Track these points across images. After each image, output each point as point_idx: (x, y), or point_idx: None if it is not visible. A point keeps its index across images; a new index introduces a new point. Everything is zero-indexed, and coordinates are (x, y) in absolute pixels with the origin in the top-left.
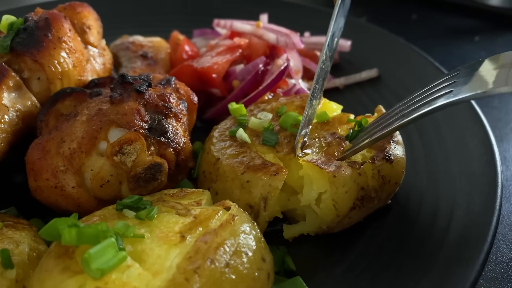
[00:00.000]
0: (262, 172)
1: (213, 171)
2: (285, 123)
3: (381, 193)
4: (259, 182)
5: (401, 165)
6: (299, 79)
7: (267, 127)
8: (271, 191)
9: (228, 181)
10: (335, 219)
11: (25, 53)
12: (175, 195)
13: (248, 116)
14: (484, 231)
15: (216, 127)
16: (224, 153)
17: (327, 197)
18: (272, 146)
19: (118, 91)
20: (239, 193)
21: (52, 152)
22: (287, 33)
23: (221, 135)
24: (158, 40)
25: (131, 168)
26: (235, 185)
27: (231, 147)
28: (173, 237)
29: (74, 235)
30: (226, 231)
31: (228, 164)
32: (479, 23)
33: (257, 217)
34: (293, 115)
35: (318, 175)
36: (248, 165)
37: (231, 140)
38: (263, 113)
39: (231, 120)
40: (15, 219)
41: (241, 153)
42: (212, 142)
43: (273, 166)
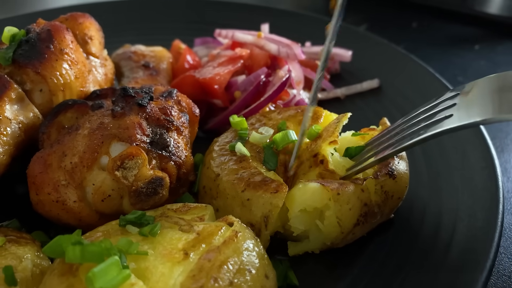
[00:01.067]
0: (263, 189)
1: (213, 187)
2: (278, 143)
3: (383, 208)
4: (259, 200)
5: (404, 180)
6: (300, 89)
7: (268, 145)
8: (272, 210)
9: (229, 198)
10: (339, 236)
11: (27, 65)
12: (178, 210)
13: (250, 129)
14: (487, 248)
15: (217, 140)
16: (224, 169)
17: (331, 214)
18: (272, 170)
19: (119, 104)
20: (239, 211)
21: (54, 166)
22: (288, 44)
23: (221, 149)
24: (160, 49)
25: (132, 183)
26: (236, 203)
27: (230, 161)
28: (177, 254)
29: (78, 253)
30: (229, 249)
31: (228, 181)
32: (479, 31)
33: (258, 235)
34: (289, 136)
35: (321, 192)
36: (248, 181)
37: (231, 154)
38: (265, 128)
39: (232, 133)
40: (18, 233)
41: (241, 169)
42: (212, 156)
43: (273, 183)
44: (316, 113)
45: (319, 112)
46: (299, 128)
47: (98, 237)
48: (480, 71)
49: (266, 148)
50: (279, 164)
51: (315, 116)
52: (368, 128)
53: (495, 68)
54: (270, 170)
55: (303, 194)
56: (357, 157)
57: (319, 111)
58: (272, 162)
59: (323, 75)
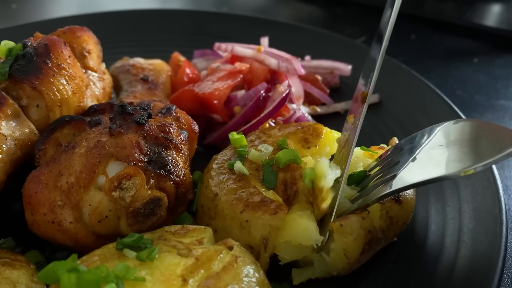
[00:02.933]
0: (262, 210)
1: (212, 207)
2: (279, 160)
3: (388, 233)
4: (258, 221)
5: (410, 205)
6: (300, 105)
7: (267, 163)
8: (272, 231)
9: (227, 219)
10: (346, 266)
11: (24, 80)
12: (176, 233)
13: (249, 146)
14: (491, 274)
15: (215, 158)
16: (223, 188)
17: (337, 246)
18: (272, 189)
19: (117, 122)
20: (238, 232)
21: (50, 185)
22: (288, 59)
23: (220, 167)
24: (158, 62)
25: (130, 204)
26: (234, 224)
27: (229, 180)
28: (175, 281)
29: (74, 281)
30: (228, 275)
31: (227, 201)
32: (477, 44)
33: (258, 258)
34: (290, 154)
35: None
36: (247, 202)
37: (230, 172)
38: (264, 145)
39: (231, 150)
40: (12, 255)
41: (240, 188)
42: (211, 175)
43: (273, 203)
44: (316, 130)
45: (319, 129)
46: (299, 146)
47: (94, 261)
48: (479, 84)
49: (266, 166)
50: (279, 182)
51: (315, 133)
52: (378, 147)
53: (494, 81)
54: (269, 189)
55: (294, 228)
56: (361, 185)
57: (319, 128)
58: (272, 180)
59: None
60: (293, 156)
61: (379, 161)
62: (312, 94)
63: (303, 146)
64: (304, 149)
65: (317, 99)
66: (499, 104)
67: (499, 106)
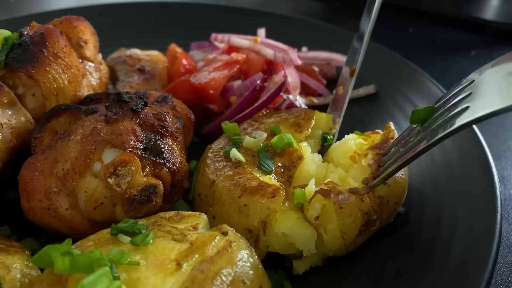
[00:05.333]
0: (259, 194)
1: (209, 195)
2: (276, 145)
3: (380, 214)
4: (257, 205)
5: (399, 185)
6: (297, 95)
7: (262, 149)
8: (270, 214)
9: (225, 205)
10: (342, 247)
11: (20, 69)
12: (171, 219)
13: (242, 134)
14: (485, 259)
15: (210, 147)
16: (220, 175)
17: (334, 227)
18: (269, 173)
19: (113, 109)
20: (237, 217)
21: (45, 172)
22: (285, 49)
23: (215, 155)
24: (155, 53)
25: (125, 190)
26: (233, 209)
27: (226, 167)
28: (169, 265)
29: (68, 264)
30: (223, 259)
31: (224, 187)
32: (475, 37)
33: (257, 241)
34: (285, 138)
35: (326, 207)
36: (244, 187)
37: (226, 160)
38: (258, 132)
39: (225, 139)
40: (7, 241)
41: (237, 174)
42: (207, 163)
43: (270, 187)
44: (307, 114)
45: (310, 113)
46: (291, 130)
47: (89, 246)
48: None
49: (261, 151)
50: (276, 167)
51: (307, 117)
52: (372, 132)
53: None
54: (266, 174)
55: (286, 221)
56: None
57: (310, 112)
58: (268, 165)
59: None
60: (288, 140)
61: (403, 134)
62: (309, 85)
63: (295, 131)
64: (297, 133)
65: (314, 90)
66: None
67: None
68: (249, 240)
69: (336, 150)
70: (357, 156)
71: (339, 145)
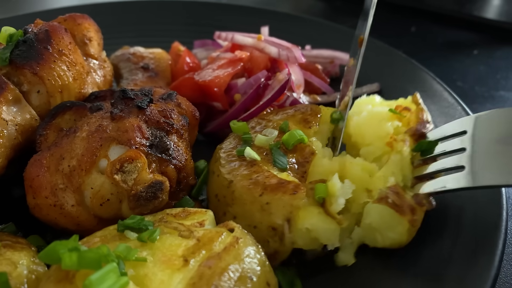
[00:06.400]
0: (281, 192)
1: (228, 195)
2: (288, 142)
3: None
4: (279, 203)
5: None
6: (300, 93)
7: (275, 146)
8: (293, 211)
9: (247, 204)
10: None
11: (25, 66)
12: (177, 215)
13: (251, 133)
14: (491, 257)
15: (221, 147)
16: (236, 175)
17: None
18: (284, 170)
19: (119, 106)
20: (260, 216)
21: (51, 169)
22: (289, 47)
23: (229, 155)
24: (159, 51)
25: (131, 187)
26: (255, 208)
27: (241, 167)
28: (176, 261)
29: (75, 260)
30: (230, 255)
31: (243, 187)
32: (477, 36)
33: (282, 239)
34: (296, 134)
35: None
36: (264, 185)
37: (240, 159)
38: (268, 129)
39: (235, 138)
40: (13, 237)
41: (254, 173)
42: (221, 163)
43: (290, 184)
44: (314, 110)
45: (317, 109)
46: (300, 127)
47: (95, 243)
48: (479, 75)
49: (274, 149)
50: (289, 164)
51: (314, 113)
52: (403, 108)
53: (494, 72)
54: (282, 171)
55: (308, 217)
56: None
57: (316, 108)
58: (283, 162)
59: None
60: (299, 136)
61: (444, 136)
62: (312, 83)
63: (304, 127)
64: (306, 129)
65: (317, 88)
66: (499, 95)
67: (498, 97)
68: (273, 238)
69: (368, 130)
70: (394, 142)
71: (370, 124)
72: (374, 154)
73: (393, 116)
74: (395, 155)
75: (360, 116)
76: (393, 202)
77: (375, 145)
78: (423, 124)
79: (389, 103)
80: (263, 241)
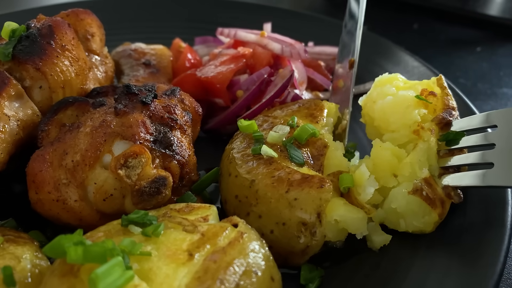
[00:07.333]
0: (308, 186)
1: (250, 195)
2: (300, 137)
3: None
4: (308, 197)
5: None
6: (303, 90)
7: (288, 142)
8: (322, 205)
9: (273, 202)
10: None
11: (27, 61)
12: (181, 210)
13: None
14: (497, 251)
15: (231, 147)
16: (257, 174)
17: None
18: (302, 164)
19: (123, 102)
20: (288, 212)
21: (55, 164)
22: (292, 43)
23: (243, 155)
24: (160, 47)
25: (135, 182)
26: (282, 205)
27: (260, 166)
28: (181, 255)
29: (80, 254)
30: (235, 250)
31: (267, 185)
32: (480, 33)
33: (314, 234)
34: (309, 128)
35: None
36: (289, 181)
37: (256, 158)
38: (279, 126)
39: (245, 138)
40: (15, 232)
41: (275, 170)
42: (237, 164)
43: (315, 178)
44: (318, 105)
45: (320, 103)
46: (307, 121)
47: (99, 237)
48: (481, 72)
49: (288, 145)
50: (305, 159)
51: (318, 108)
52: (429, 92)
53: (496, 70)
54: (300, 166)
55: (336, 208)
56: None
57: (320, 102)
58: (299, 156)
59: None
60: (312, 130)
61: (472, 129)
62: (315, 80)
63: (311, 122)
64: (313, 123)
65: (320, 85)
66: (502, 92)
67: (501, 94)
68: (304, 233)
69: (393, 116)
70: (421, 130)
71: (396, 110)
72: (399, 141)
73: (419, 103)
74: (422, 143)
75: (384, 101)
76: (427, 195)
77: (400, 132)
78: (449, 111)
79: (412, 83)
80: (293, 237)
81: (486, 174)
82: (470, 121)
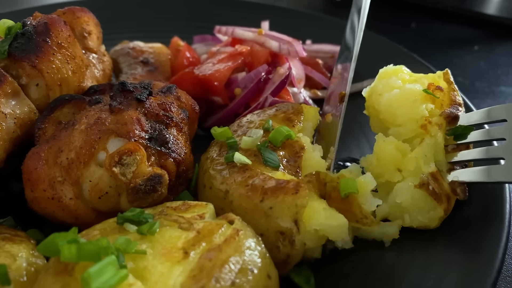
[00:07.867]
0: (282, 193)
1: (226, 206)
2: (275, 139)
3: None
4: (283, 205)
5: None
6: (301, 88)
7: (262, 145)
8: (299, 211)
9: (248, 213)
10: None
11: (24, 59)
12: (177, 208)
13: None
14: (495, 248)
15: (206, 157)
16: (231, 184)
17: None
18: (277, 168)
19: (118, 99)
20: (265, 222)
21: (50, 162)
22: (290, 41)
23: (217, 164)
24: (158, 46)
25: (130, 180)
26: (258, 215)
27: (233, 174)
28: (176, 254)
29: (74, 252)
30: (230, 247)
31: (241, 195)
32: (477, 32)
33: (292, 242)
34: (283, 130)
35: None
36: (263, 189)
37: (230, 166)
38: (252, 130)
39: (219, 145)
40: (12, 231)
41: (249, 178)
42: (211, 174)
43: (290, 183)
44: (296, 108)
45: (299, 107)
46: (283, 125)
47: (94, 235)
48: (479, 71)
49: (262, 148)
50: (280, 162)
51: (296, 111)
52: (436, 87)
53: (494, 68)
54: (275, 169)
55: (315, 215)
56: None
57: (298, 106)
58: (274, 159)
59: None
60: (287, 131)
61: (480, 123)
62: (313, 78)
63: (287, 126)
64: (290, 128)
65: (318, 83)
66: (500, 90)
67: (499, 92)
68: (283, 243)
69: (400, 110)
70: (428, 125)
71: (403, 104)
72: (405, 135)
73: (427, 97)
74: (429, 138)
75: (391, 93)
76: (433, 190)
77: (407, 126)
78: (456, 106)
79: (418, 76)
80: (272, 247)
81: (495, 170)
82: (477, 116)
